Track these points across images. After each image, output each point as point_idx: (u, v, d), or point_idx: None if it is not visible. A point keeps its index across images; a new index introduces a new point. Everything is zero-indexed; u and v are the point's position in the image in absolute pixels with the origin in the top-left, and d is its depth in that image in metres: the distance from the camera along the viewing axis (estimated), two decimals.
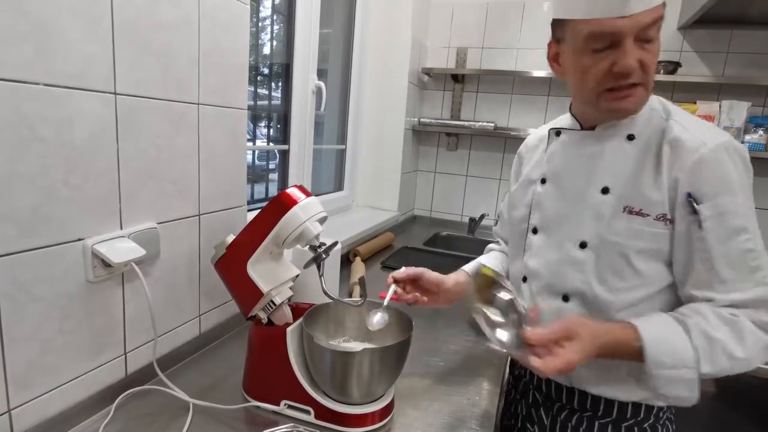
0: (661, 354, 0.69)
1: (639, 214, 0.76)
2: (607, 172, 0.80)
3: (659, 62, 1.94)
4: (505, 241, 1.11)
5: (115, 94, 0.74)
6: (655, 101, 0.80)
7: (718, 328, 0.69)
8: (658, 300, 0.78)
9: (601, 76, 0.72)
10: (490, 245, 1.18)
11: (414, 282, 0.96)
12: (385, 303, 0.86)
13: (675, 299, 0.78)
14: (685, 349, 0.69)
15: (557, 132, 0.89)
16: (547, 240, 0.87)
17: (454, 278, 1.00)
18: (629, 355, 0.71)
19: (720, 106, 1.87)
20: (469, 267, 1.06)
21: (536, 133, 1.01)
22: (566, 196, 0.85)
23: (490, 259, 1.10)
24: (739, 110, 1.85)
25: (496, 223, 1.15)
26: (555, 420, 0.91)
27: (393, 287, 0.93)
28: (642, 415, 0.84)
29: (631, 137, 0.79)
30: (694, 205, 0.70)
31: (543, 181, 0.89)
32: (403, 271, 0.95)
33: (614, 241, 0.77)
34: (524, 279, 0.92)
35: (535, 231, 0.90)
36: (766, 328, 0.69)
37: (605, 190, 0.79)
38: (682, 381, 0.69)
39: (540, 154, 0.94)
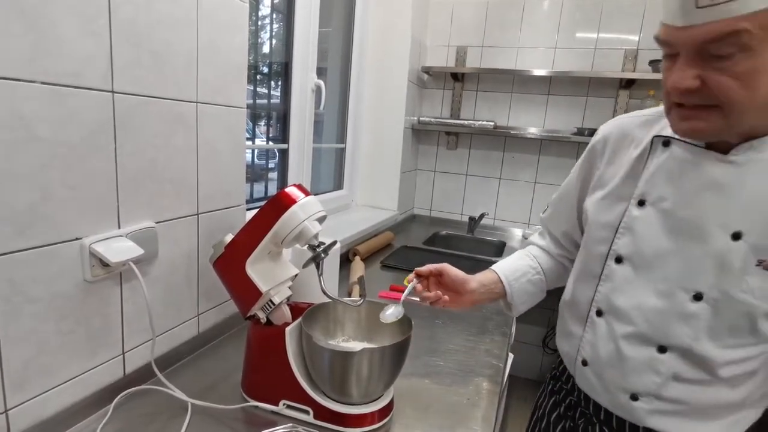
0: None
1: None
2: (743, 213, 0.64)
3: (658, 61, 1.93)
4: (553, 237, 0.98)
5: (112, 92, 0.73)
6: None
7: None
8: None
9: (667, 91, 0.63)
10: (532, 237, 1.04)
11: (437, 279, 0.91)
12: (403, 297, 0.84)
13: None
14: None
15: (666, 141, 0.70)
16: (639, 277, 0.72)
17: (480, 279, 0.92)
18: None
19: None
20: (500, 268, 0.96)
21: (619, 125, 0.81)
22: (677, 231, 0.68)
23: (520, 261, 0.98)
24: None
25: (544, 212, 1.01)
26: None
27: (414, 282, 0.89)
28: None
29: None
30: None
31: (641, 203, 0.72)
32: (426, 267, 0.90)
33: (742, 299, 0.65)
34: (599, 313, 0.77)
35: (619, 260, 0.74)
36: None
37: (737, 236, 0.64)
38: None
39: (632, 161, 0.75)
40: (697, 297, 0.67)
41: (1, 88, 0.58)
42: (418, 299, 0.91)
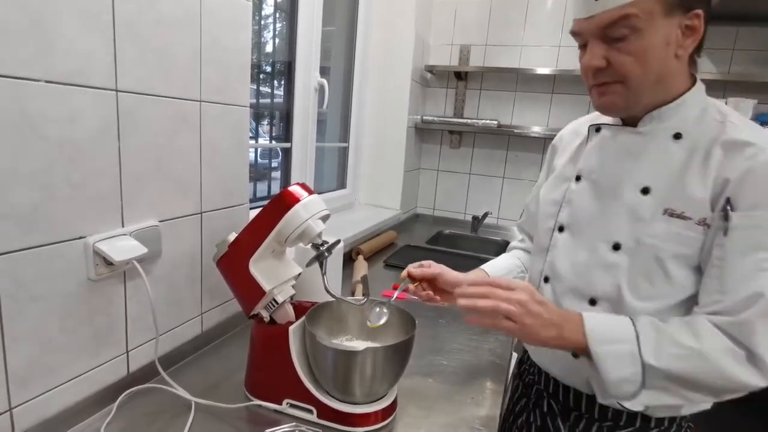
0: (601, 326, 0.69)
1: (680, 216, 0.71)
2: (648, 172, 0.75)
3: None
4: (530, 237, 1.07)
5: (116, 91, 0.73)
6: (707, 102, 0.75)
7: (670, 322, 0.68)
8: (684, 309, 0.73)
9: (583, 72, 0.75)
10: (512, 243, 1.14)
11: (430, 282, 0.93)
12: (392, 300, 0.85)
13: None
14: (626, 325, 0.68)
15: (597, 128, 0.84)
16: (574, 240, 0.83)
17: (473, 279, 0.95)
18: (576, 336, 0.69)
19: (726, 104, 1.85)
20: (488, 267, 1.02)
21: (572, 126, 0.97)
22: (601, 194, 0.80)
23: (508, 260, 1.06)
24: (745, 108, 1.83)
25: (520, 217, 1.11)
26: (572, 430, 0.87)
27: (404, 283, 0.91)
28: (666, 424, 0.81)
29: (678, 136, 0.74)
30: (729, 211, 0.66)
31: (578, 178, 0.84)
32: (420, 270, 0.93)
33: (651, 243, 0.73)
34: (546, 279, 0.87)
35: (561, 229, 0.85)
36: (728, 332, 0.65)
37: (645, 190, 0.75)
38: (622, 358, 0.66)
39: (575, 149, 0.90)
40: (616, 247, 0.76)
41: (6, 87, 0.58)
42: (415, 297, 0.92)
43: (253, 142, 1.55)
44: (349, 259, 1.65)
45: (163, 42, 0.80)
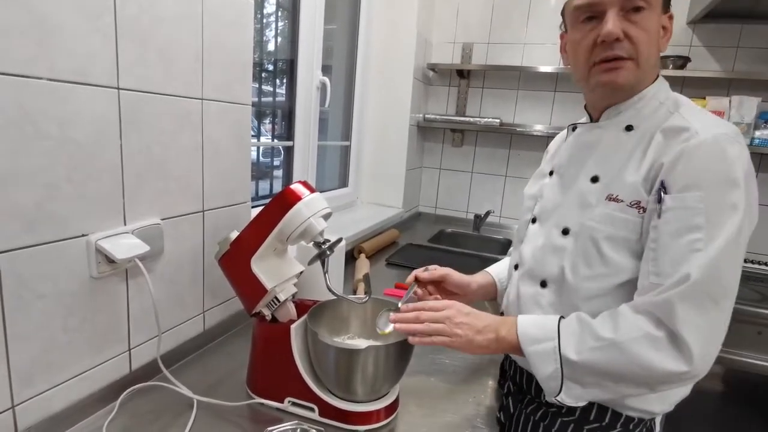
0: (529, 326, 0.73)
1: (615, 200, 0.74)
2: (599, 162, 0.79)
3: (668, 57, 1.92)
4: None
5: (118, 89, 0.73)
6: (667, 96, 0.78)
7: (600, 315, 0.70)
8: (625, 293, 0.73)
9: (589, 47, 0.74)
10: (511, 250, 1.12)
11: (437, 284, 0.94)
12: (400, 304, 0.84)
13: None
14: (551, 322, 0.72)
15: (574, 127, 0.88)
16: (540, 228, 0.86)
17: (479, 281, 0.99)
18: (512, 338, 0.74)
19: (730, 102, 1.85)
20: (493, 269, 1.04)
21: (564, 131, 0.99)
22: (564, 186, 0.84)
23: (504, 264, 1.07)
24: (749, 106, 1.82)
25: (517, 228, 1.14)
26: (521, 412, 0.86)
27: (412, 287, 0.92)
28: (607, 420, 0.79)
29: (629, 128, 0.77)
30: (662, 194, 0.68)
31: (551, 173, 0.89)
32: (427, 273, 0.94)
33: (588, 225, 0.76)
34: (515, 267, 0.90)
35: (534, 221, 0.89)
36: (652, 313, 0.65)
37: (594, 179, 0.78)
38: (546, 356, 0.70)
39: (557, 148, 0.94)
40: (565, 231, 0.80)
41: (8, 85, 0.59)
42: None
43: (255, 140, 1.55)
44: (351, 258, 1.65)
45: (164, 40, 0.80)
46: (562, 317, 0.73)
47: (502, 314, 0.92)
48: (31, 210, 0.63)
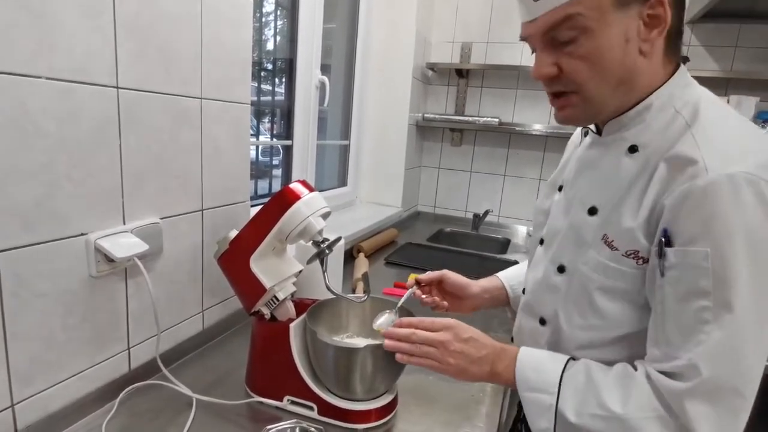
0: (529, 369, 0.64)
1: (610, 245, 0.62)
2: (598, 189, 0.67)
3: None
4: None
5: (117, 88, 0.73)
6: (686, 102, 0.61)
7: (607, 373, 0.60)
8: (625, 346, 0.63)
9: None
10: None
11: (438, 285, 0.92)
12: (399, 304, 0.85)
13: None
14: (554, 372, 0.62)
15: (586, 132, 0.75)
16: (544, 255, 0.76)
17: (483, 285, 0.93)
18: (508, 374, 0.66)
19: (728, 101, 1.85)
20: (504, 274, 0.96)
21: (578, 129, 0.86)
22: (566, 210, 0.72)
23: (523, 268, 0.97)
24: (747, 105, 1.83)
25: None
26: None
27: (412, 289, 0.90)
28: None
29: (633, 149, 0.63)
30: (664, 246, 0.56)
31: (560, 188, 0.77)
32: (426, 275, 0.92)
33: (582, 271, 0.66)
34: (524, 291, 0.83)
35: (541, 242, 0.79)
36: (665, 397, 0.55)
37: (592, 211, 0.66)
38: (541, 409, 0.61)
39: (570, 153, 0.82)
40: (561, 269, 0.70)
41: (7, 84, 0.59)
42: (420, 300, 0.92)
43: (254, 139, 1.55)
44: (350, 257, 1.65)
45: (164, 39, 0.80)
46: (569, 360, 0.64)
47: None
48: (30, 209, 0.63)
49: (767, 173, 0.51)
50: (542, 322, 0.74)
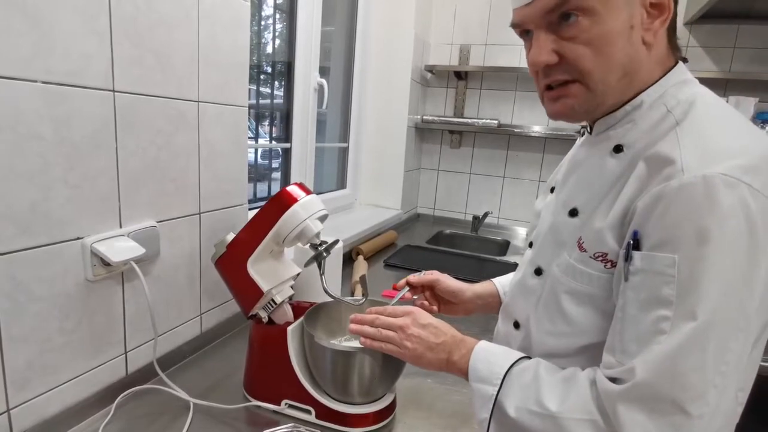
0: (480, 361, 0.63)
1: (580, 247, 0.60)
2: (581, 190, 0.64)
3: None
4: None
5: (113, 91, 0.73)
6: (679, 100, 0.57)
7: (555, 374, 0.58)
8: (591, 358, 0.59)
9: (531, 71, 0.61)
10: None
11: (430, 289, 0.91)
12: (392, 303, 0.84)
13: None
14: (502, 366, 0.61)
15: (583, 132, 0.72)
16: (529, 257, 0.74)
17: (476, 290, 0.90)
18: (463, 364, 0.65)
19: (727, 102, 1.85)
20: (499, 280, 0.94)
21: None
22: (553, 211, 0.69)
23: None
24: (746, 106, 1.83)
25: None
26: None
27: (404, 291, 0.90)
28: None
29: (618, 149, 0.59)
30: (631, 250, 0.52)
31: (552, 190, 0.74)
32: (417, 277, 0.90)
33: (553, 273, 0.64)
34: (506, 294, 0.82)
35: (531, 245, 0.76)
36: (602, 401, 0.51)
37: (573, 212, 0.63)
38: (483, 400, 0.60)
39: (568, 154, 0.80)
40: (537, 271, 0.68)
41: (3, 87, 0.58)
42: (415, 297, 0.91)
43: (252, 142, 1.55)
44: (349, 259, 1.65)
45: (160, 42, 0.80)
46: (523, 358, 0.63)
47: None
48: (26, 212, 0.63)
49: (750, 176, 0.46)
50: (516, 325, 0.72)
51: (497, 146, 2.40)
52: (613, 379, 0.51)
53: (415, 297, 0.92)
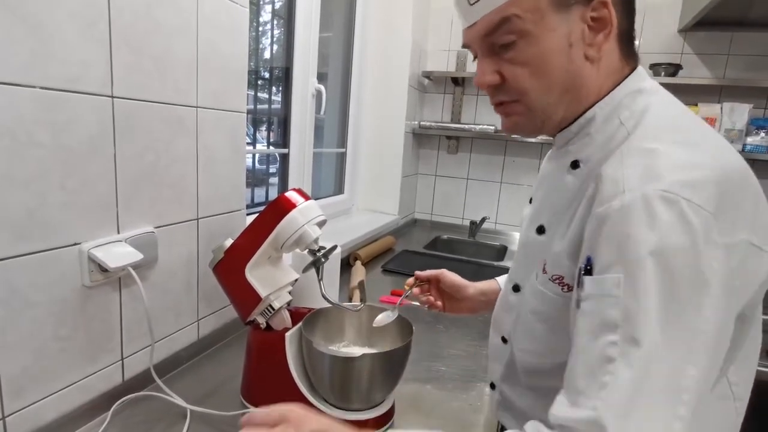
0: None
1: (543, 269, 0.59)
2: (546, 207, 0.64)
3: (660, 64, 1.94)
4: None
5: (112, 97, 0.73)
6: (633, 111, 0.55)
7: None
8: None
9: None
10: None
11: (436, 284, 0.92)
12: (399, 302, 0.85)
13: None
14: None
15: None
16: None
17: (480, 287, 0.90)
18: None
19: (721, 109, 1.86)
20: (502, 279, 0.92)
21: None
22: (526, 225, 0.69)
23: None
24: (740, 112, 1.84)
25: None
26: None
27: (409, 289, 0.91)
28: None
29: (575, 164, 0.59)
30: (582, 275, 0.50)
31: (531, 201, 0.73)
32: (424, 273, 0.92)
33: (526, 292, 0.64)
34: None
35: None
36: None
37: (540, 230, 0.63)
38: None
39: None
40: (516, 288, 0.68)
41: (1, 93, 0.58)
42: (417, 303, 0.91)
43: (250, 147, 1.55)
44: (346, 265, 1.64)
45: (159, 49, 0.81)
46: None
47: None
48: (23, 218, 0.63)
49: (690, 191, 0.44)
50: (504, 340, 0.71)
51: (494, 152, 2.40)
52: (568, 429, 0.45)
53: (421, 296, 0.93)
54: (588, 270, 0.49)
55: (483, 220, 2.30)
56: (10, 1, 0.58)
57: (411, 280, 0.93)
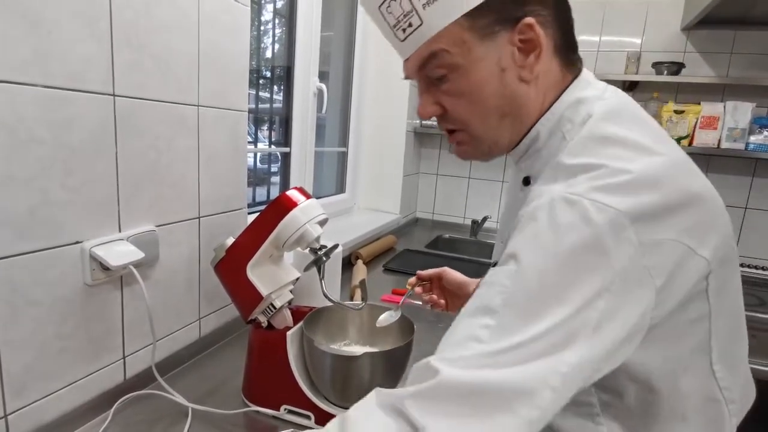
0: None
1: None
2: (505, 221, 0.66)
3: (662, 63, 1.93)
4: None
5: (113, 95, 0.73)
6: (574, 124, 0.55)
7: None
8: None
9: None
10: None
11: (438, 283, 0.93)
12: (402, 301, 0.85)
13: None
14: None
15: None
16: None
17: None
18: None
19: (724, 107, 1.86)
20: None
21: None
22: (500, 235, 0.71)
23: None
24: (743, 111, 1.83)
25: None
26: None
27: (412, 289, 0.91)
28: None
29: (526, 181, 0.60)
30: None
31: None
32: (428, 271, 0.93)
33: None
34: None
35: None
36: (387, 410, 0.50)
37: (506, 243, 0.61)
38: None
39: None
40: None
41: (2, 92, 0.58)
42: (420, 302, 0.91)
43: (252, 146, 1.55)
44: (348, 264, 1.64)
45: (160, 47, 0.80)
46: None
47: None
48: (24, 217, 0.63)
49: (602, 194, 0.45)
50: None
51: None
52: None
53: (424, 295, 0.93)
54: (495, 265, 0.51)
55: (485, 219, 2.30)
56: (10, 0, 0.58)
57: (413, 279, 0.93)
